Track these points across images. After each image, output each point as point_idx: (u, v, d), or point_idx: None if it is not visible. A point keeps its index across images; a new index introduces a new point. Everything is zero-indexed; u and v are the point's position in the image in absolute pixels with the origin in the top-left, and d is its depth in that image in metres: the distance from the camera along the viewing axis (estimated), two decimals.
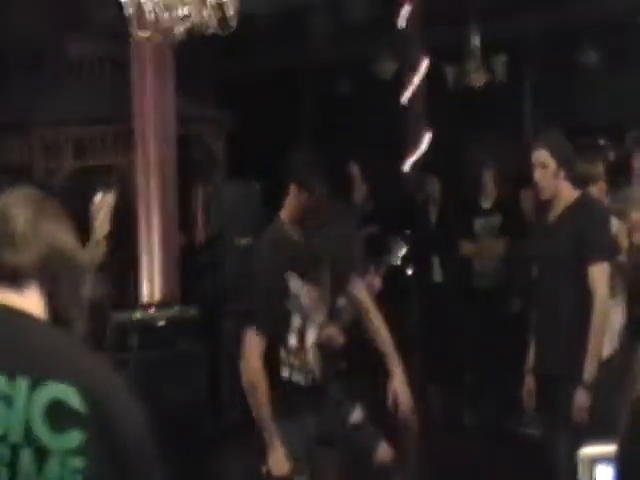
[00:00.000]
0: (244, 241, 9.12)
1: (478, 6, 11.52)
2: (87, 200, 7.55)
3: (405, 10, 11.38)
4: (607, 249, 5.51)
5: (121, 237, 8.94)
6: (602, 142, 10.12)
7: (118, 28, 7.50)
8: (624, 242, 5.89)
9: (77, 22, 11.00)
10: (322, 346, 5.61)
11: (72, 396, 1.86)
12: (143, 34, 6.85)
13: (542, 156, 5.51)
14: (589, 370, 5.28)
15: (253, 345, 4.96)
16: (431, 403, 9.84)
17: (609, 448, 1.46)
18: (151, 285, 8.37)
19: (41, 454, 1.84)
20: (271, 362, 5.04)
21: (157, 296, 8.36)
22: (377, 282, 6.07)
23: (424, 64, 11.57)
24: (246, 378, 4.99)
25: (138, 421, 1.98)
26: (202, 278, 9.68)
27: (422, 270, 10.01)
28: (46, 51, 11.09)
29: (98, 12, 10.27)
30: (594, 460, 1.52)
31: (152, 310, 8.30)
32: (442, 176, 10.59)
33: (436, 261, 10.03)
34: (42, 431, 1.85)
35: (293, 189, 5.83)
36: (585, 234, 5.38)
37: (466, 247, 9.62)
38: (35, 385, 1.86)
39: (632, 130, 8.92)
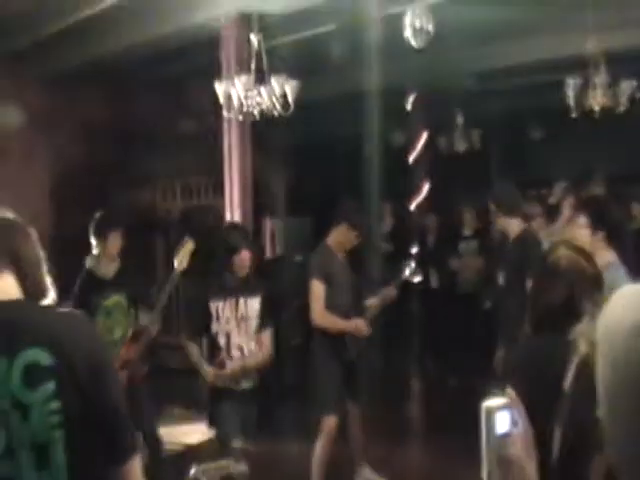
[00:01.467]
0: (299, 258, 9.06)
1: (459, 95, 11.35)
2: (190, 228, 7.37)
3: (411, 97, 11.28)
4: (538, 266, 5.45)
5: (214, 253, 8.82)
6: (543, 191, 10.02)
7: (211, 110, 7.50)
8: None
9: (183, 108, 10.99)
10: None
11: (43, 356, 1.74)
12: (230, 114, 6.88)
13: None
14: None
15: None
16: (427, 371, 9.82)
17: (503, 400, 1.48)
18: None
19: (24, 410, 1.72)
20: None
21: None
22: (393, 292, 5.86)
23: (424, 135, 11.40)
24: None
25: (95, 354, 1.84)
26: (270, 282, 9.60)
27: (423, 279, 9.79)
28: (164, 129, 11.06)
29: (197, 100, 10.31)
30: (494, 409, 1.48)
31: None
32: (437, 213, 10.73)
33: (433, 272, 9.89)
34: (22, 393, 1.72)
35: (343, 227, 5.69)
36: (525, 256, 5.36)
37: (453, 263, 9.59)
38: (12, 359, 1.73)
39: (561, 182, 8.86)
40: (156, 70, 10.28)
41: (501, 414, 1.51)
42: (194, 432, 7.54)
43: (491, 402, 1.52)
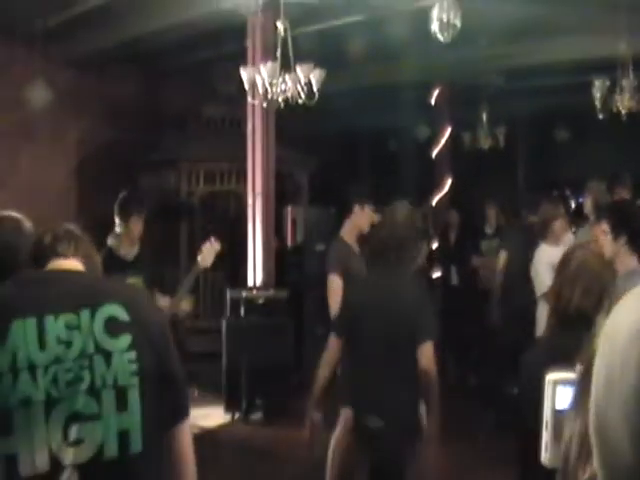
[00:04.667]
0: (320, 247, 8.95)
1: (486, 92, 11.20)
2: (212, 212, 7.30)
3: (435, 92, 11.15)
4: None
5: (236, 241, 8.79)
6: (567, 192, 9.85)
7: (237, 97, 7.42)
8: None
9: (210, 94, 10.95)
10: None
11: (120, 311, 1.96)
12: (255, 101, 6.80)
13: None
14: None
15: None
16: (446, 370, 9.53)
17: (567, 375, 1.42)
18: (255, 274, 8.19)
19: (107, 355, 1.91)
20: None
21: (259, 281, 8.13)
22: None
23: (448, 130, 11.26)
24: None
25: (161, 322, 2.08)
26: (290, 271, 9.52)
27: (443, 275, 9.74)
28: (190, 114, 11.05)
29: (224, 86, 10.27)
30: (556, 382, 1.48)
31: (255, 291, 8.10)
32: (459, 210, 10.45)
33: (453, 269, 9.73)
34: (105, 340, 1.92)
35: (356, 210, 5.63)
36: None
37: (475, 261, 9.35)
38: (94, 311, 1.94)
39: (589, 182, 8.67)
40: (185, 55, 10.23)
41: (563, 389, 1.46)
42: (212, 415, 7.54)
43: (555, 375, 1.49)
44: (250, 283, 8.22)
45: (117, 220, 5.48)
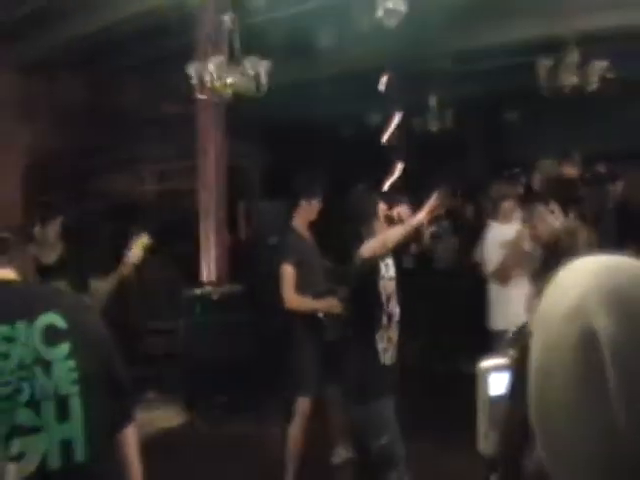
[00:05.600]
0: (274, 241, 8.94)
1: (434, 77, 11.25)
2: (166, 211, 7.19)
3: (383, 78, 11.18)
4: None
5: (188, 238, 8.73)
6: (516, 171, 9.96)
7: (188, 93, 7.38)
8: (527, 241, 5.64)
9: (161, 92, 10.87)
10: None
11: (58, 320, 1.93)
12: (203, 96, 6.75)
13: None
14: None
15: None
16: (407, 354, 9.66)
17: (500, 361, 1.44)
18: (208, 270, 8.15)
19: (46, 365, 1.88)
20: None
21: (213, 278, 8.09)
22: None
23: (397, 116, 11.30)
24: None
25: (101, 327, 2.08)
26: (245, 266, 9.48)
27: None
28: (141, 113, 10.92)
29: (175, 83, 10.19)
30: (489, 370, 1.49)
31: (209, 287, 8.06)
32: (409, 194, 10.41)
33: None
34: (43, 350, 1.89)
35: (302, 203, 5.67)
36: None
37: (427, 243, 9.27)
38: (31, 322, 1.90)
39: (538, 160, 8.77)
40: (133, 53, 10.10)
41: (496, 376, 1.45)
42: (171, 416, 7.50)
43: (487, 363, 1.49)
44: (204, 279, 8.19)
45: (36, 228, 5.35)
